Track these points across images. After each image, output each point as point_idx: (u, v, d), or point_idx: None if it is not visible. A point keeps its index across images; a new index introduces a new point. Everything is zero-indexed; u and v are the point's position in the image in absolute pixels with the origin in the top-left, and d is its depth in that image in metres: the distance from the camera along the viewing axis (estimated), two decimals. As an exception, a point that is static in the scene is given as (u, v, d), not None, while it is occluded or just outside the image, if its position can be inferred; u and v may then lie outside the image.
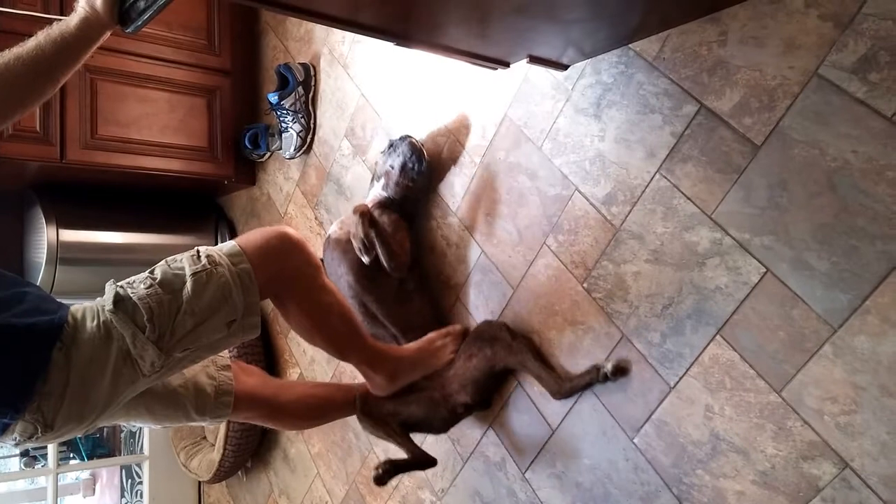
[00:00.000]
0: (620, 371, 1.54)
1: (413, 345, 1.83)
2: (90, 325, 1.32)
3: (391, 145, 1.98)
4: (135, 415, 1.53)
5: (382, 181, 1.96)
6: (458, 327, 1.88)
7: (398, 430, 1.82)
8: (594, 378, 1.57)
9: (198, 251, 1.41)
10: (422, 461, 1.83)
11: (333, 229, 1.96)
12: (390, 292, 1.90)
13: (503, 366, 1.74)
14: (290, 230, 1.52)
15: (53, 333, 1.29)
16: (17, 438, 1.31)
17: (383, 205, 1.94)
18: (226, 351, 1.73)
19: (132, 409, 1.51)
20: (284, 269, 1.49)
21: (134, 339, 1.31)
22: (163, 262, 1.41)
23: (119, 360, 1.32)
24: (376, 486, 1.87)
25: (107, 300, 1.34)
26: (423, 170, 1.92)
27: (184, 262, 1.38)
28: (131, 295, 1.33)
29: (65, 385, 1.29)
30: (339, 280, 1.89)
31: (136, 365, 1.33)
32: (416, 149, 1.93)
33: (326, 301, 1.58)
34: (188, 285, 1.35)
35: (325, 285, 1.58)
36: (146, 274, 1.38)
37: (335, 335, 1.65)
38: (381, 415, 1.83)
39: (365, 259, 1.82)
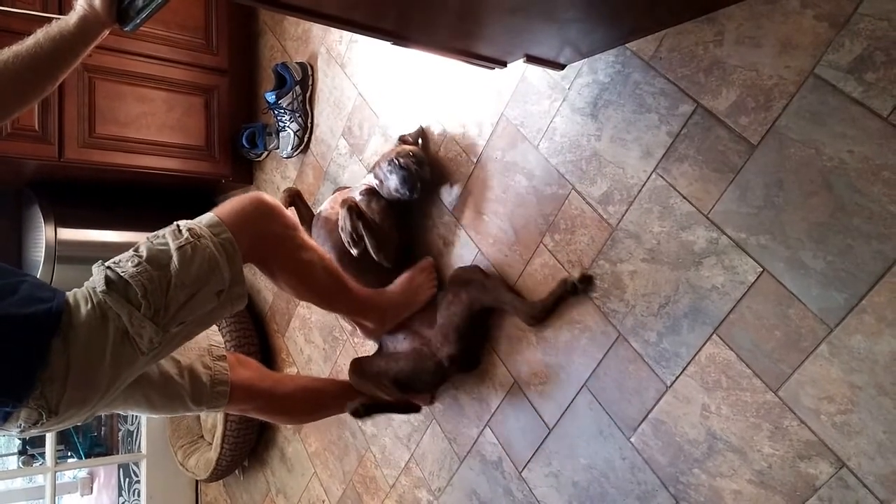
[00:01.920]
0: (586, 280, 1.58)
1: (395, 286, 1.88)
2: (85, 308, 1.33)
3: (396, 164, 1.90)
4: (132, 403, 1.54)
5: (376, 181, 1.95)
6: (430, 259, 1.94)
7: (388, 385, 1.84)
8: (563, 290, 1.62)
9: (178, 225, 1.42)
10: (406, 405, 1.89)
11: (324, 207, 2.00)
12: (374, 275, 1.92)
13: (480, 305, 1.76)
14: (264, 194, 1.55)
15: (52, 321, 1.30)
16: (22, 425, 1.32)
17: (372, 192, 1.95)
18: (223, 343, 1.74)
19: (130, 398, 1.51)
20: (264, 232, 1.51)
21: (130, 318, 1.32)
22: (145, 239, 1.41)
23: (117, 340, 1.33)
24: (356, 417, 1.85)
25: (97, 282, 1.35)
26: (415, 196, 1.89)
27: (167, 238, 1.39)
28: (122, 274, 1.33)
29: (66, 370, 1.29)
30: None
31: (135, 343, 1.34)
32: (412, 180, 1.87)
33: (308, 258, 1.62)
34: (174, 259, 1.35)
35: (305, 243, 1.62)
36: (131, 252, 1.38)
37: (321, 289, 1.71)
38: (372, 373, 1.87)
39: (354, 251, 1.84)
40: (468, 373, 1.88)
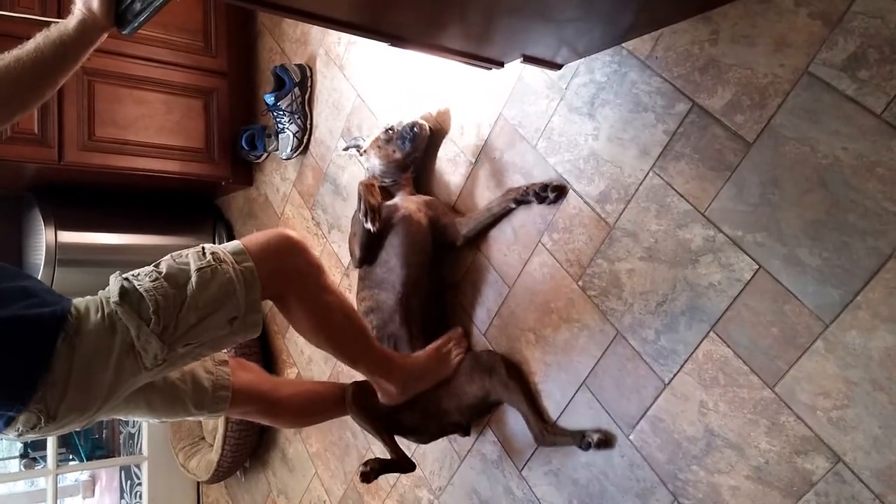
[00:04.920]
0: (604, 443, 1.57)
1: (421, 353, 1.82)
2: (94, 316, 1.33)
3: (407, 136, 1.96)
4: (133, 408, 1.54)
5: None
6: (459, 330, 1.89)
7: (385, 430, 1.83)
8: (577, 443, 1.60)
9: (203, 248, 1.42)
10: (404, 464, 1.86)
11: (399, 203, 1.94)
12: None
13: (496, 399, 1.78)
14: (292, 231, 1.54)
15: (57, 324, 1.30)
16: (20, 429, 1.33)
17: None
18: None
19: (131, 403, 1.52)
20: (286, 267, 1.50)
21: (139, 332, 1.32)
22: (168, 256, 1.42)
23: (122, 352, 1.33)
24: (363, 483, 1.87)
25: (112, 292, 1.35)
26: (416, 148, 1.95)
27: (189, 258, 1.40)
28: (137, 287, 1.34)
29: (68, 375, 1.30)
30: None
31: (139, 358, 1.34)
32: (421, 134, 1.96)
33: (327, 300, 1.58)
34: (193, 280, 1.36)
35: (328, 285, 1.58)
36: (151, 267, 1.39)
37: (339, 335, 1.64)
38: (373, 410, 1.84)
39: (371, 227, 1.81)
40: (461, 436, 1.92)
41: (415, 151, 1.96)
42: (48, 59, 1.30)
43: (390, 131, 1.98)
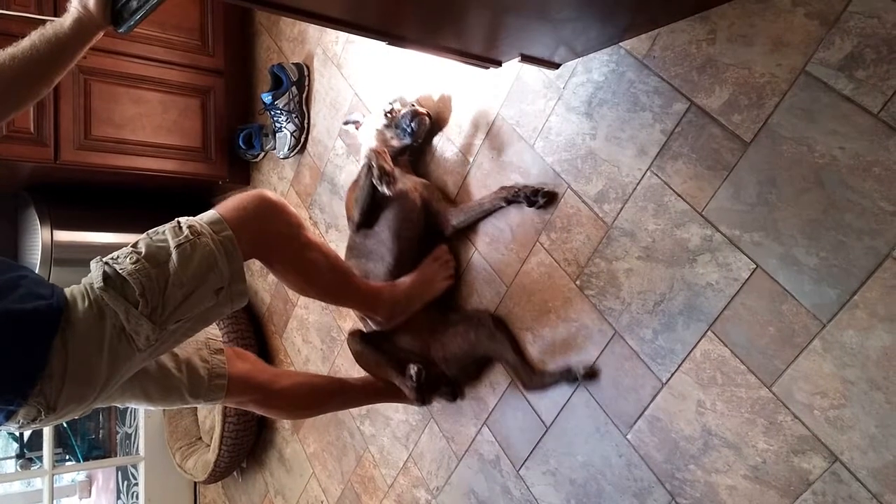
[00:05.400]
0: (591, 375, 1.59)
1: (407, 278, 1.86)
2: (82, 305, 1.33)
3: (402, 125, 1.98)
4: (130, 396, 1.54)
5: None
6: (444, 247, 1.92)
7: (393, 365, 1.88)
8: (565, 378, 1.63)
9: (178, 222, 1.42)
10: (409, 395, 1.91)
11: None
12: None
13: (483, 352, 1.81)
14: (268, 192, 1.54)
15: (54, 317, 1.30)
16: (21, 422, 1.33)
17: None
18: (219, 336, 1.75)
19: (128, 391, 1.52)
20: (266, 231, 1.51)
21: (127, 315, 1.32)
22: (144, 235, 1.41)
23: (114, 337, 1.33)
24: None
25: (95, 278, 1.35)
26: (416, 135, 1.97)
27: (167, 234, 1.39)
28: (119, 271, 1.33)
29: (64, 367, 1.30)
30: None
31: (132, 340, 1.34)
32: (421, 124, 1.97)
33: (312, 257, 1.61)
34: (173, 257, 1.35)
35: (310, 241, 1.61)
36: (129, 248, 1.38)
37: (327, 286, 1.71)
38: (380, 348, 1.90)
39: (387, 191, 1.81)
40: (449, 402, 1.95)
41: (414, 142, 1.98)
42: (44, 57, 1.30)
43: (389, 115, 2.00)
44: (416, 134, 1.95)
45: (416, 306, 1.86)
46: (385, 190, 1.80)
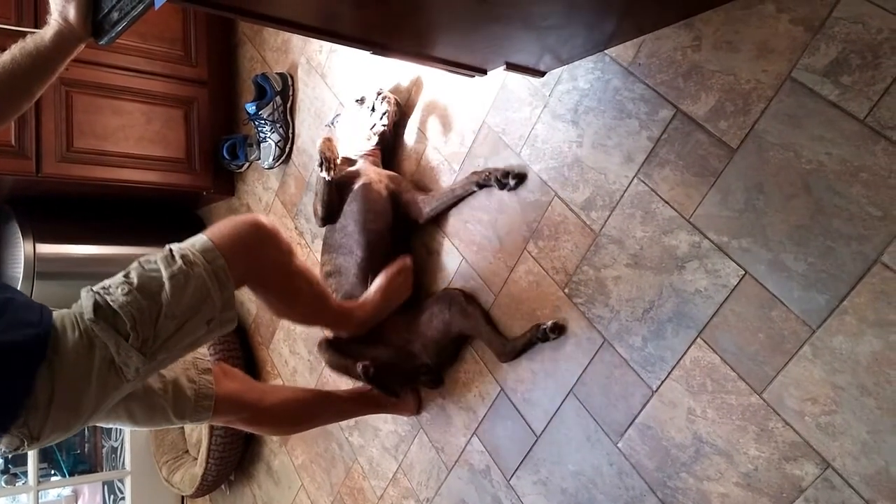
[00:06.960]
0: (558, 329, 1.62)
1: (372, 294, 1.86)
2: (71, 335, 1.31)
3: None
4: (115, 418, 1.52)
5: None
6: (405, 260, 1.92)
7: (362, 369, 1.86)
8: (535, 336, 1.66)
9: (171, 251, 1.39)
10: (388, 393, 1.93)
11: (361, 169, 1.99)
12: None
13: (458, 329, 1.82)
14: (262, 218, 1.52)
15: (40, 348, 1.28)
16: (2, 450, 1.31)
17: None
18: (208, 355, 1.73)
19: (112, 413, 1.50)
20: (258, 259, 1.50)
21: (118, 348, 1.30)
22: (136, 263, 1.38)
23: (103, 368, 1.31)
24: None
25: (85, 308, 1.32)
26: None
27: (159, 264, 1.37)
28: (111, 303, 1.31)
29: (50, 397, 1.27)
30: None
31: (121, 372, 1.32)
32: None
33: (298, 285, 1.62)
34: (166, 288, 1.34)
35: (298, 270, 1.60)
36: (121, 278, 1.35)
37: (304, 312, 1.76)
38: (350, 353, 1.89)
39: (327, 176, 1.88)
40: (432, 388, 1.94)
41: (385, 127, 2.02)
42: (25, 71, 1.28)
43: (359, 101, 2.06)
44: (386, 115, 1.99)
45: (380, 318, 1.88)
46: (324, 174, 1.86)
